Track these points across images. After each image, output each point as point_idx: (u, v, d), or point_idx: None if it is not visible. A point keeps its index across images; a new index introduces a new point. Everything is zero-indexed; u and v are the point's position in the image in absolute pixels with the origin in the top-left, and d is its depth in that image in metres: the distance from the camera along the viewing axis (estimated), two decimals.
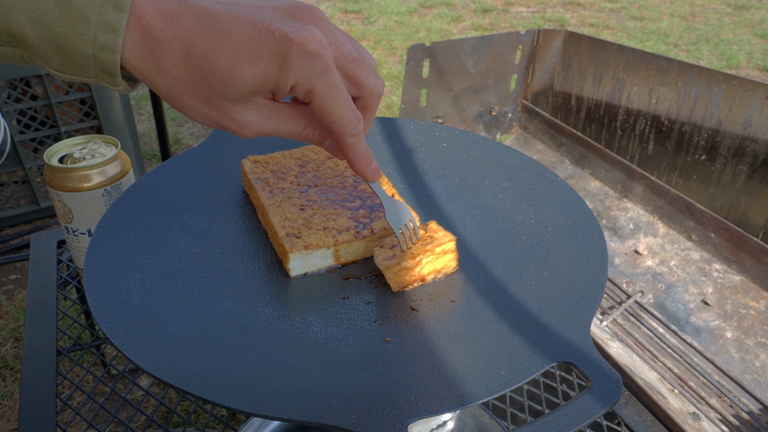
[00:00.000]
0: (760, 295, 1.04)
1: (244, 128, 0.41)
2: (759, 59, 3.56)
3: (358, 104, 0.44)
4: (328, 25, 0.40)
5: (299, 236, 0.55)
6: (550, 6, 4.62)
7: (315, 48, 0.37)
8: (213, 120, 0.41)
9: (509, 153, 0.72)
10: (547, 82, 1.58)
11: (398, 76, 3.20)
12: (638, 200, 1.27)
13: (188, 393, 0.40)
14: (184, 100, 0.39)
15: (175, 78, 0.38)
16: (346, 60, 0.41)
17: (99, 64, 0.37)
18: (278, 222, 0.56)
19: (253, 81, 0.38)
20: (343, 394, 0.41)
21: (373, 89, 0.43)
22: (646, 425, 0.79)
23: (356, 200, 0.61)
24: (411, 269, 0.52)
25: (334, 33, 0.41)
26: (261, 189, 0.61)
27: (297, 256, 0.53)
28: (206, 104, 0.40)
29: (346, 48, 0.41)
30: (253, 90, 0.39)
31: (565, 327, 0.47)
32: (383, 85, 0.44)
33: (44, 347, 0.78)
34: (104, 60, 0.36)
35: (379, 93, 0.44)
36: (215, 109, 0.40)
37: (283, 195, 0.60)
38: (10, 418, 1.35)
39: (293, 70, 0.37)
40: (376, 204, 0.60)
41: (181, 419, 1.23)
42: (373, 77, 0.43)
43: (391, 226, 0.53)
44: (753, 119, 1.17)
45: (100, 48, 0.36)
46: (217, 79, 0.37)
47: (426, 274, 0.53)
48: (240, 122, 0.41)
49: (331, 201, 0.60)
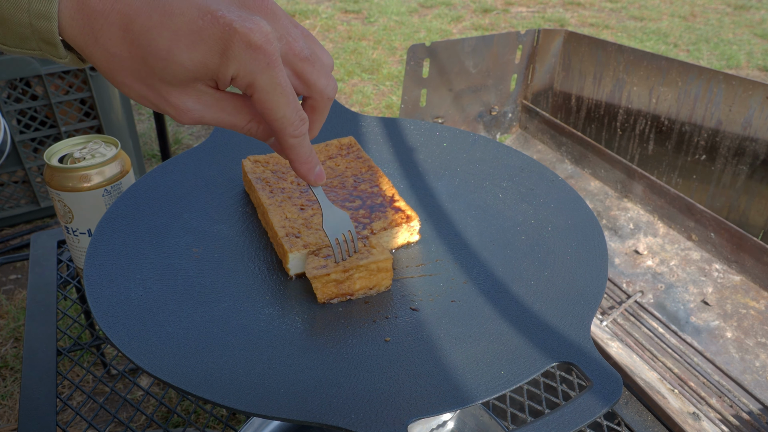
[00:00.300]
0: (760, 295, 1.04)
1: (182, 114, 0.39)
2: (759, 59, 3.56)
3: (307, 105, 0.43)
4: (281, 19, 0.39)
5: (299, 236, 0.55)
6: (550, 6, 4.62)
7: (259, 40, 0.36)
8: (150, 101, 0.39)
9: (509, 153, 0.72)
10: (547, 82, 1.58)
11: (398, 76, 3.20)
12: (638, 200, 1.27)
13: (188, 393, 0.40)
14: (121, 77, 0.38)
15: (111, 53, 0.37)
16: (297, 57, 0.39)
17: (37, 33, 0.36)
18: (278, 222, 0.56)
19: (191, 66, 0.36)
20: (343, 394, 0.41)
21: (324, 91, 0.42)
22: (646, 425, 0.79)
23: (356, 200, 0.61)
24: (340, 282, 0.51)
25: (287, 28, 0.39)
26: (261, 189, 0.61)
27: (296, 256, 0.53)
28: (143, 84, 0.38)
29: (298, 44, 0.39)
30: (192, 76, 0.37)
31: (565, 327, 0.47)
32: (335, 88, 0.43)
33: (44, 347, 0.77)
34: (41, 28, 0.36)
35: (329, 95, 0.42)
36: (152, 90, 0.38)
37: (283, 195, 0.60)
38: (10, 418, 1.35)
39: (234, 61, 0.36)
40: (376, 204, 0.60)
41: (181, 419, 1.23)
42: (325, 78, 0.41)
43: (327, 234, 0.50)
44: (753, 119, 1.17)
45: (35, 15, 0.35)
46: (155, 59, 0.36)
47: (356, 290, 0.52)
48: (178, 107, 0.39)
49: (331, 201, 0.60)
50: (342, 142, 0.69)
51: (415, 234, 0.59)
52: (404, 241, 0.59)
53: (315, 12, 4.21)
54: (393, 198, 0.61)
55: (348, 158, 0.67)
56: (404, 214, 0.58)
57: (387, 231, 0.57)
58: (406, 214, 0.58)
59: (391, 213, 0.59)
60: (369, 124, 0.78)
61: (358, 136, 0.76)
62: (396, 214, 0.58)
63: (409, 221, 0.58)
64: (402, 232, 0.57)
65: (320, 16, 4.16)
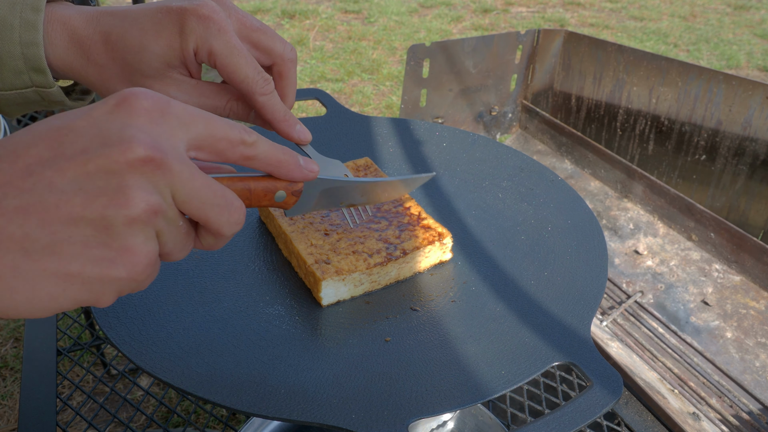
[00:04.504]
0: (760, 295, 1.04)
1: None
2: (759, 59, 3.56)
3: (274, 72, 0.47)
4: (226, 2, 0.44)
5: (329, 262, 0.52)
6: (550, 6, 4.62)
7: (207, 12, 0.42)
8: None
9: (509, 153, 0.72)
10: (547, 82, 1.58)
11: (398, 76, 3.20)
12: (638, 200, 1.27)
13: (188, 393, 0.40)
14: (111, 85, 0.44)
15: (101, 65, 0.44)
16: (249, 29, 0.45)
17: (29, 62, 0.42)
18: (304, 249, 0.53)
19: (160, 51, 0.42)
20: (343, 394, 0.41)
21: (283, 53, 0.46)
22: (646, 425, 0.79)
23: (382, 221, 0.58)
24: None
25: (234, 8, 0.45)
26: (280, 216, 0.58)
27: (329, 284, 0.50)
28: (129, 84, 0.44)
29: (247, 19, 0.45)
30: (163, 61, 0.43)
31: (565, 327, 0.47)
32: (294, 50, 0.47)
33: (44, 347, 0.77)
34: (31, 55, 0.42)
35: (290, 57, 0.46)
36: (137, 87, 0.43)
37: (304, 221, 0.57)
38: (10, 418, 1.35)
39: (191, 34, 0.42)
40: (403, 223, 0.57)
41: (181, 419, 1.23)
42: (280, 42, 0.46)
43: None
44: (753, 119, 1.17)
45: (25, 44, 0.41)
46: (131, 54, 0.43)
47: None
48: None
49: (356, 224, 0.57)
50: (358, 164, 0.66)
51: (448, 252, 0.57)
52: (437, 260, 0.56)
53: (315, 12, 4.21)
54: (420, 216, 0.58)
55: None
56: (435, 231, 0.56)
57: (419, 250, 0.54)
58: (437, 232, 0.56)
59: (422, 232, 0.56)
60: (369, 124, 0.78)
61: (358, 136, 0.76)
62: (427, 233, 0.56)
63: (441, 239, 0.55)
64: (434, 250, 0.55)
65: (320, 16, 4.16)
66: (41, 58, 0.42)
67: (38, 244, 0.27)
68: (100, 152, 0.28)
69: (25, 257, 0.27)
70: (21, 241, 0.27)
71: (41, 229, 0.27)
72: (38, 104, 0.45)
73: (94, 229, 0.28)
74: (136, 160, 0.28)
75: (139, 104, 0.30)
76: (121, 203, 0.28)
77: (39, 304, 0.28)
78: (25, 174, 0.27)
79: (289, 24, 3.98)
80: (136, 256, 0.29)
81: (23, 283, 0.28)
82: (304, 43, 3.66)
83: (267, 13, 4.16)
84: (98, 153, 0.28)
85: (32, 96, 0.44)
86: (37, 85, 0.43)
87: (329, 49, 3.61)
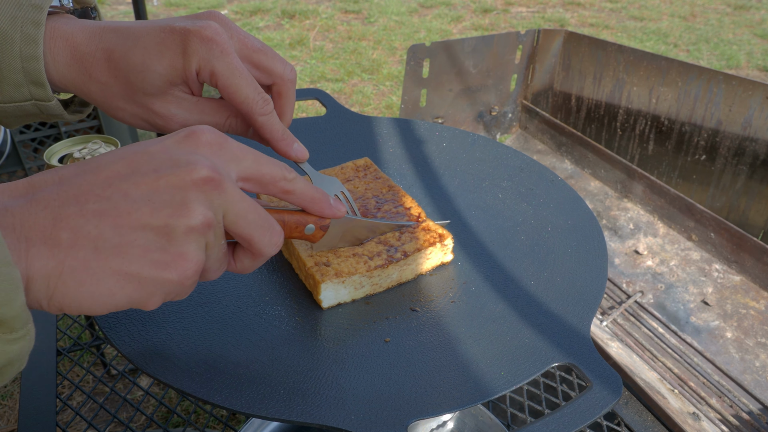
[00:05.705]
0: (760, 295, 1.04)
1: (169, 121, 0.45)
2: (759, 59, 3.56)
3: (273, 92, 0.47)
4: (228, 23, 0.45)
5: (329, 264, 0.52)
6: (550, 6, 4.62)
7: (210, 34, 0.42)
8: (141, 118, 0.46)
9: (509, 153, 0.72)
10: (547, 82, 1.58)
11: (398, 76, 3.20)
12: (638, 200, 1.27)
13: (188, 393, 0.40)
14: (114, 102, 0.45)
15: (103, 82, 0.44)
16: (251, 50, 0.45)
17: (29, 75, 0.42)
18: (304, 251, 0.53)
19: (163, 71, 0.43)
20: (343, 394, 0.41)
21: (284, 74, 0.47)
22: (646, 425, 0.79)
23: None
24: None
25: (236, 29, 0.45)
26: None
27: (329, 286, 0.50)
28: (132, 102, 0.45)
29: (249, 40, 0.45)
30: (166, 80, 0.43)
31: (565, 327, 0.47)
32: (294, 71, 0.48)
33: (44, 347, 0.77)
34: (31, 69, 0.42)
35: (290, 77, 0.47)
36: (140, 106, 0.45)
37: None
38: (10, 418, 1.35)
39: (194, 55, 0.42)
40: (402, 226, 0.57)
41: (181, 419, 1.23)
42: (281, 63, 0.46)
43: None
44: (753, 119, 1.17)
45: (25, 58, 0.42)
46: (134, 74, 0.43)
47: None
48: (164, 115, 0.45)
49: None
50: (357, 164, 0.66)
51: (449, 253, 0.56)
52: (438, 262, 0.56)
53: (315, 12, 4.21)
54: (420, 217, 0.58)
55: (366, 179, 0.64)
56: (435, 233, 0.55)
57: (420, 252, 0.54)
58: (438, 233, 0.55)
59: (422, 234, 0.55)
60: (369, 124, 0.78)
61: (357, 136, 0.76)
62: (427, 234, 0.55)
63: (442, 240, 0.55)
64: (435, 252, 0.55)
65: (320, 16, 4.16)
66: (41, 72, 0.42)
67: (108, 243, 0.31)
68: (170, 171, 0.32)
69: (96, 254, 0.31)
70: (95, 239, 0.31)
71: (113, 230, 0.31)
72: (37, 117, 0.46)
73: (156, 234, 0.32)
74: (199, 179, 0.33)
75: (203, 138, 0.35)
76: (184, 214, 0.32)
77: (99, 299, 0.31)
78: (105, 185, 0.32)
79: (289, 24, 3.98)
80: (188, 262, 0.33)
81: (90, 278, 0.31)
82: (304, 43, 3.66)
83: (267, 13, 4.16)
84: (168, 172, 0.32)
85: (31, 109, 0.44)
86: (36, 98, 0.44)
87: (329, 49, 3.61)
